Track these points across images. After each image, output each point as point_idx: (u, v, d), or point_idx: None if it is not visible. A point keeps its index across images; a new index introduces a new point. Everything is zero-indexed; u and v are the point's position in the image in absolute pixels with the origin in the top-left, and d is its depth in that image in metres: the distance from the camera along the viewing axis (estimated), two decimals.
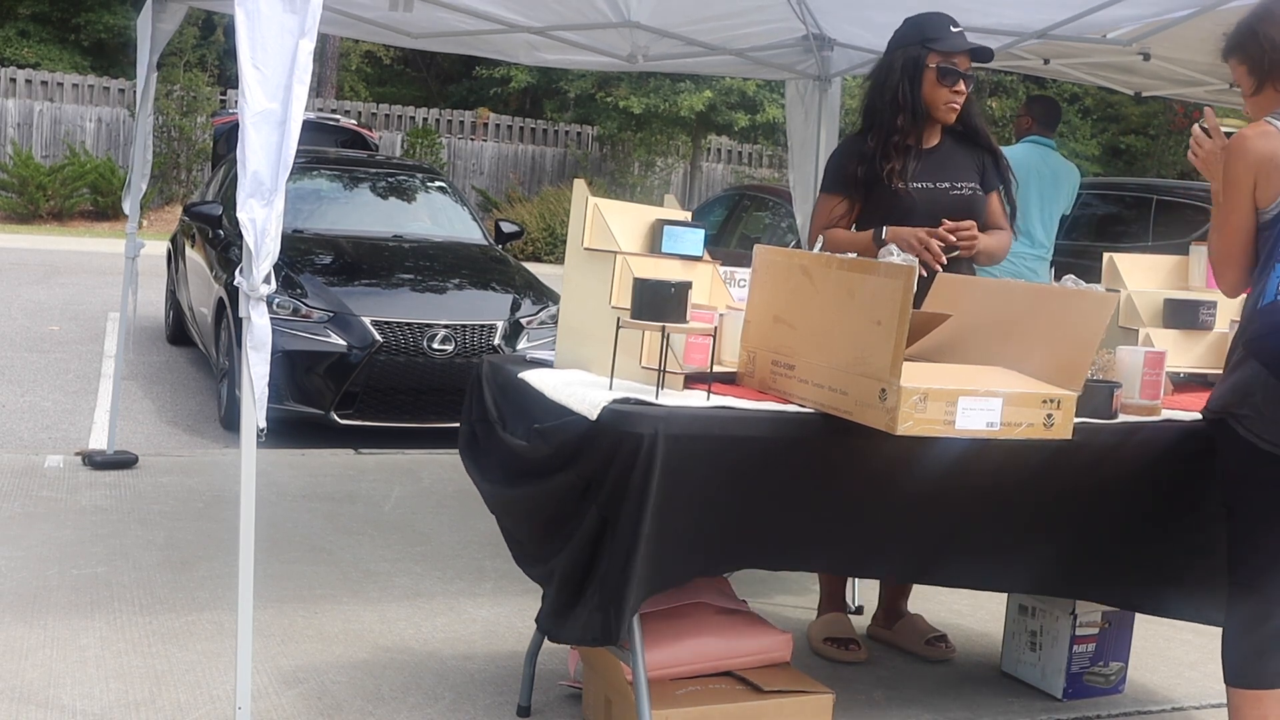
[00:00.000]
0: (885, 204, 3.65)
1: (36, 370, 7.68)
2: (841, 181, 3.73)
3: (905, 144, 3.65)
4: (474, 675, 3.49)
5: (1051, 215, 6.28)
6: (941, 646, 3.90)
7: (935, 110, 3.63)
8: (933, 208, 3.61)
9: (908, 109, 3.61)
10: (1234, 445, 2.79)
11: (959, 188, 3.69)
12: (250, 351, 2.89)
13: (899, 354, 2.53)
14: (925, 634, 3.92)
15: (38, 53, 20.05)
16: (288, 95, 2.80)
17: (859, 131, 3.77)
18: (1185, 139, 19.90)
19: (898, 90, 3.61)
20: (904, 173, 3.64)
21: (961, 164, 3.74)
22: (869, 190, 3.69)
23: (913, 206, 3.61)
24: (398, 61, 24.66)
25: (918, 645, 3.90)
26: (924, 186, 3.65)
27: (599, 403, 2.66)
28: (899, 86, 3.61)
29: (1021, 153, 6.29)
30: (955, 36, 3.62)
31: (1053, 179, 6.25)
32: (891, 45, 3.71)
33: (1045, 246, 6.25)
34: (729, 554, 2.82)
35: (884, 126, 3.65)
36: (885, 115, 3.64)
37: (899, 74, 3.62)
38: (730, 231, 10.32)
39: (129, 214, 5.39)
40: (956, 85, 3.60)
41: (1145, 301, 3.52)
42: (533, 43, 5.96)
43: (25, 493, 4.92)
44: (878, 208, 3.67)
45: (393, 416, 6.35)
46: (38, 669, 3.31)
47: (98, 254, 14.09)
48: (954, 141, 3.76)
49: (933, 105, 3.63)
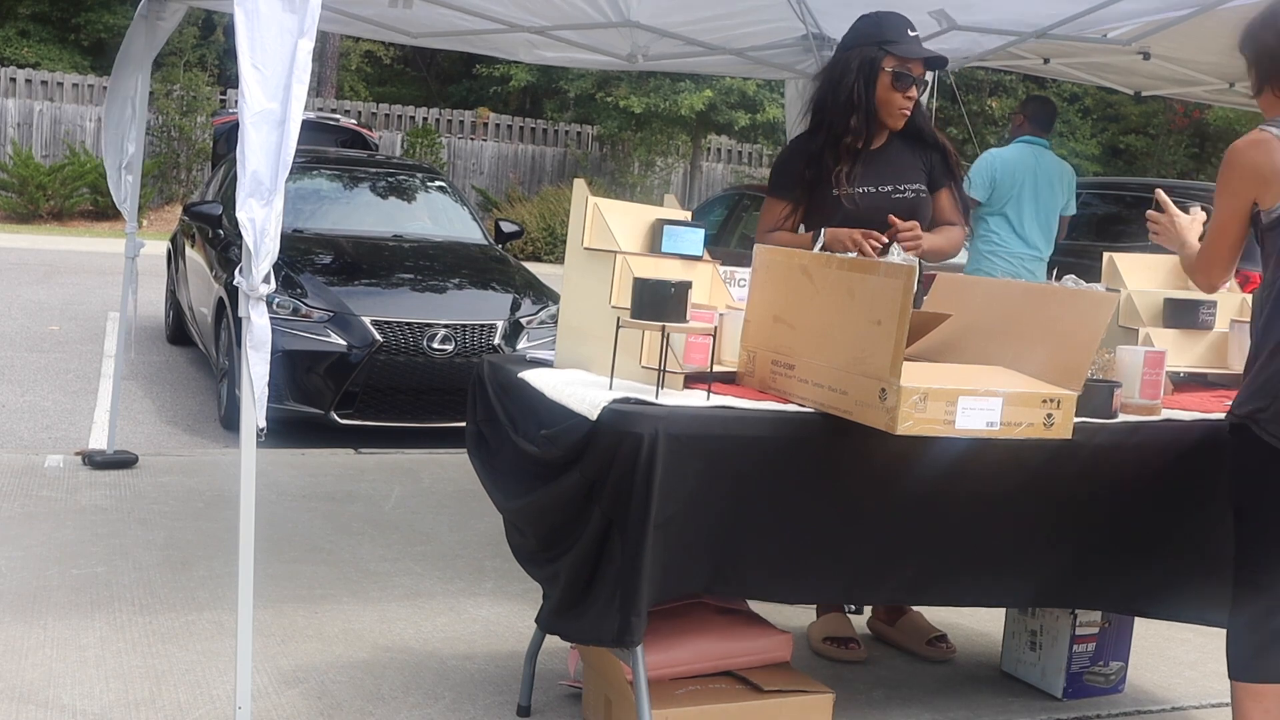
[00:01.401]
0: (828, 207, 3.63)
1: (36, 370, 7.68)
2: (787, 183, 3.70)
3: (855, 146, 3.62)
4: (474, 675, 3.49)
5: (1048, 216, 6.27)
6: (942, 647, 3.90)
7: (886, 114, 3.60)
8: (875, 212, 3.59)
9: (861, 110, 3.57)
10: (1252, 448, 2.74)
11: (902, 190, 3.67)
12: (250, 351, 2.89)
13: (899, 354, 2.53)
14: (926, 634, 3.92)
15: (38, 53, 20.06)
16: (287, 95, 2.80)
17: (807, 131, 3.73)
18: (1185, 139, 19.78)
19: (852, 90, 3.56)
20: (850, 177, 3.61)
21: (908, 165, 3.72)
22: (812, 191, 3.66)
23: (854, 211, 3.59)
24: (398, 61, 24.67)
25: (919, 645, 3.90)
26: (866, 191, 3.62)
27: (599, 403, 2.66)
28: (854, 87, 3.56)
29: (1013, 153, 6.30)
30: (912, 41, 3.59)
31: (1047, 179, 6.25)
32: (847, 42, 3.66)
33: (1039, 248, 6.24)
34: (732, 560, 2.81)
35: (834, 126, 3.61)
36: (837, 115, 3.60)
37: (854, 74, 3.56)
38: (730, 231, 10.33)
39: (125, 214, 5.37)
40: (909, 91, 3.58)
41: (1145, 301, 3.52)
42: (532, 41, 5.97)
43: (25, 493, 4.92)
44: (819, 210, 3.66)
45: (393, 416, 6.35)
46: (38, 669, 3.31)
47: (98, 254, 14.09)
48: (901, 142, 3.72)
49: (884, 109, 3.59)
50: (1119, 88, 6.48)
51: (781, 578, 2.88)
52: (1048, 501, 3.01)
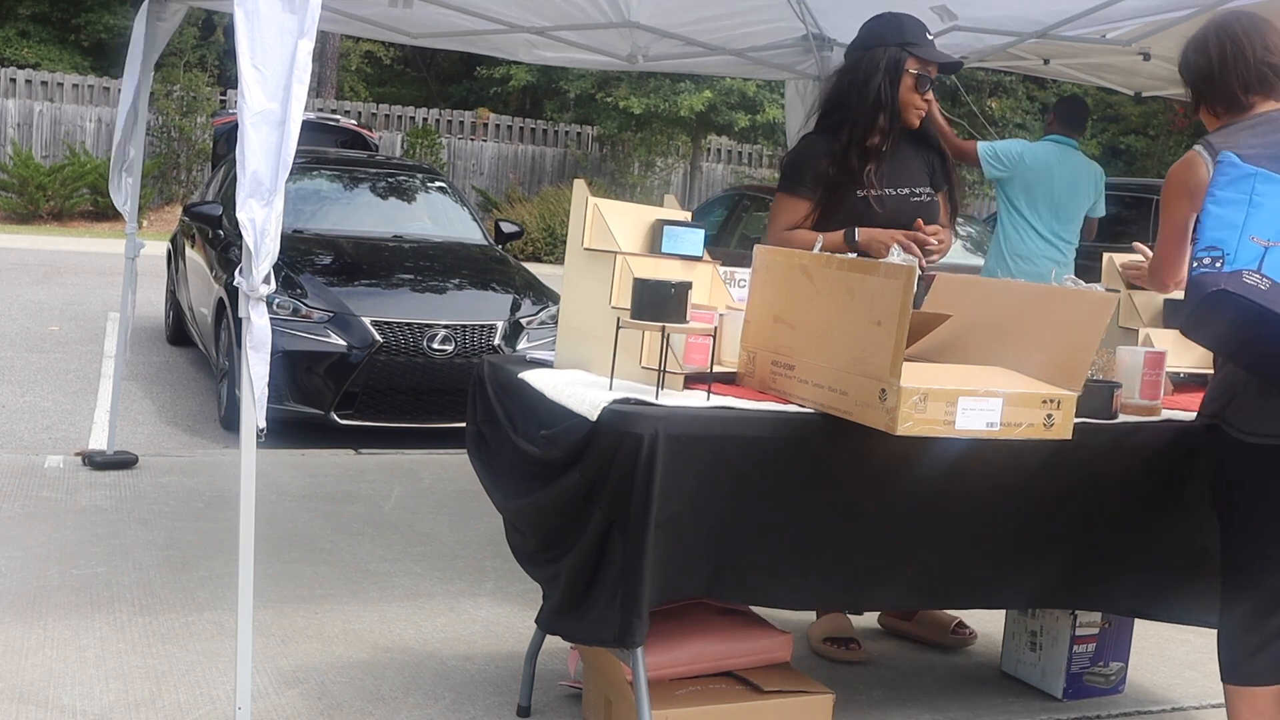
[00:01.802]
0: (852, 209, 3.60)
1: (36, 370, 7.68)
2: (808, 182, 3.65)
3: (880, 147, 3.61)
4: (474, 675, 3.49)
5: (1071, 215, 6.19)
6: (965, 633, 3.95)
7: (905, 114, 3.61)
8: (898, 214, 3.59)
9: (888, 110, 3.57)
10: (1225, 447, 2.79)
11: (918, 193, 3.68)
12: (250, 351, 2.89)
13: (899, 354, 2.53)
14: (947, 624, 3.96)
15: (38, 53, 20.06)
16: (287, 95, 2.80)
17: (824, 129, 3.69)
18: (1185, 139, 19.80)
19: (879, 90, 3.55)
20: (879, 177, 3.60)
21: (916, 167, 3.72)
22: (832, 192, 3.63)
23: (880, 214, 3.58)
24: (398, 61, 24.67)
25: (943, 636, 3.95)
26: (890, 193, 3.62)
27: (599, 403, 2.66)
28: (880, 86, 3.55)
29: (1040, 150, 6.23)
30: (931, 45, 3.61)
31: (1071, 179, 6.17)
32: (869, 41, 3.63)
33: (1059, 247, 6.15)
34: (732, 561, 2.81)
35: (859, 125, 3.58)
36: (864, 114, 3.58)
37: (881, 73, 3.55)
38: (730, 231, 10.33)
39: (125, 214, 5.37)
40: (927, 93, 3.59)
41: (1145, 301, 3.52)
42: (532, 41, 5.98)
43: (25, 493, 4.92)
44: (839, 211, 3.62)
45: (393, 417, 6.35)
46: (38, 669, 3.31)
47: (98, 254, 14.09)
48: (907, 144, 3.72)
49: (904, 109, 3.60)
50: (1119, 88, 6.47)
51: (782, 579, 2.88)
52: (1048, 502, 3.01)
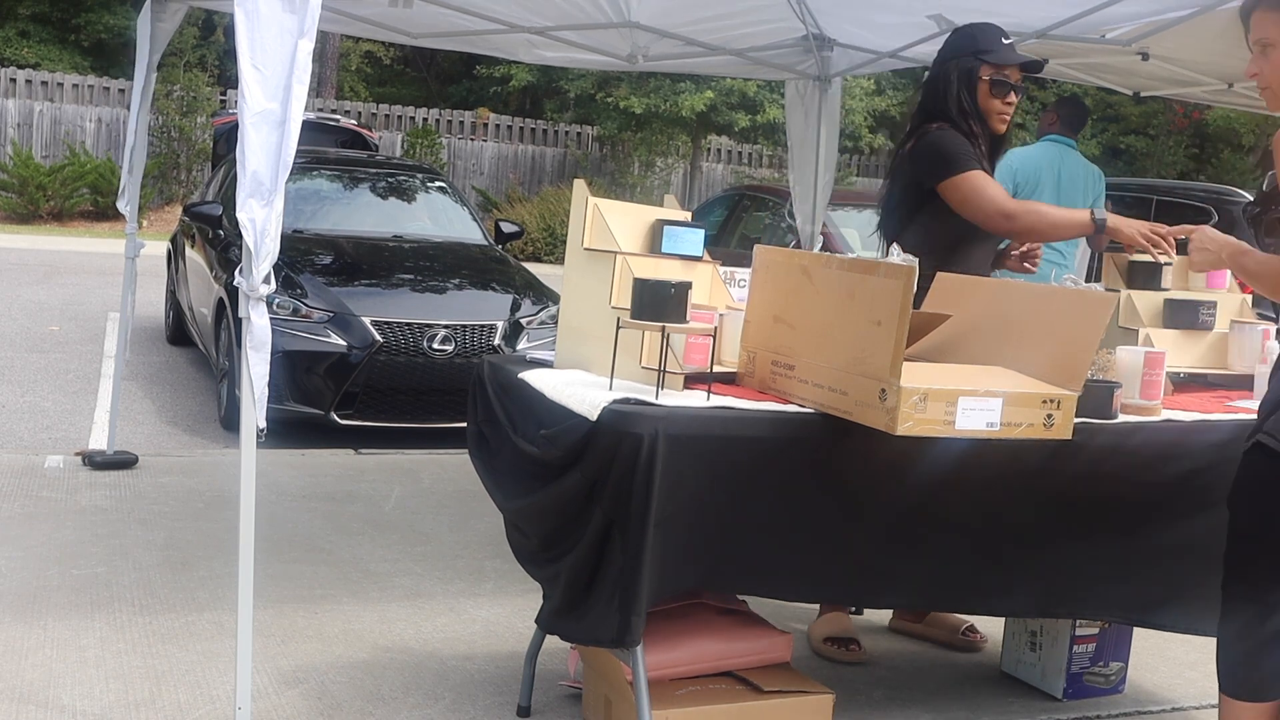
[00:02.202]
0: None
1: (36, 370, 7.68)
2: (975, 157, 3.58)
3: (982, 149, 3.63)
4: (474, 675, 3.49)
5: None
6: (975, 636, 3.96)
7: (990, 121, 3.64)
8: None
9: (975, 116, 3.61)
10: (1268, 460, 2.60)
11: None
12: (250, 351, 2.89)
13: (899, 354, 2.53)
14: (958, 626, 3.97)
15: (38, 53, 20.05)
16: (287, 95, 2.80)
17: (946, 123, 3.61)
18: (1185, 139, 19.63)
19: (959, 99, 3.60)
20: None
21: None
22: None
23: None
24: (398, 62, 24.66)
25: (953, 638, 3.96)
26: None
27: (599, 403, 2.66)
28: (959, 95, 3.60)
29: (1037, 151, 6.20)
30: (1007, 49, 3.63)
31: (1070, 179, 6.15)
32: (943, 56, 3.69)
33: (1059, 248, 6.12)
34: (731, 559, 2.82)
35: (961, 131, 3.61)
36: (958, 122, 3.60)
37: (956, 84, 3.60)
38: (730, 231, 10.32)
39: (126, 215, 5.38)
40: (1008, 97, 3.61)
41: (1145, 301, 3.52)
42: (533, 41, 5.98)
43: (25, 493, 4.92)
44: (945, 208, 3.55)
45: (393, 417, 6.35)
46: (38, 669, 3.31)
47: (98, 254, 14.09)
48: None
49: (988, 116, 3.63)
50: (1118, 88, 6.46)
51: (781, 578, 2.88)
52: (1047, 502, 3.01)
